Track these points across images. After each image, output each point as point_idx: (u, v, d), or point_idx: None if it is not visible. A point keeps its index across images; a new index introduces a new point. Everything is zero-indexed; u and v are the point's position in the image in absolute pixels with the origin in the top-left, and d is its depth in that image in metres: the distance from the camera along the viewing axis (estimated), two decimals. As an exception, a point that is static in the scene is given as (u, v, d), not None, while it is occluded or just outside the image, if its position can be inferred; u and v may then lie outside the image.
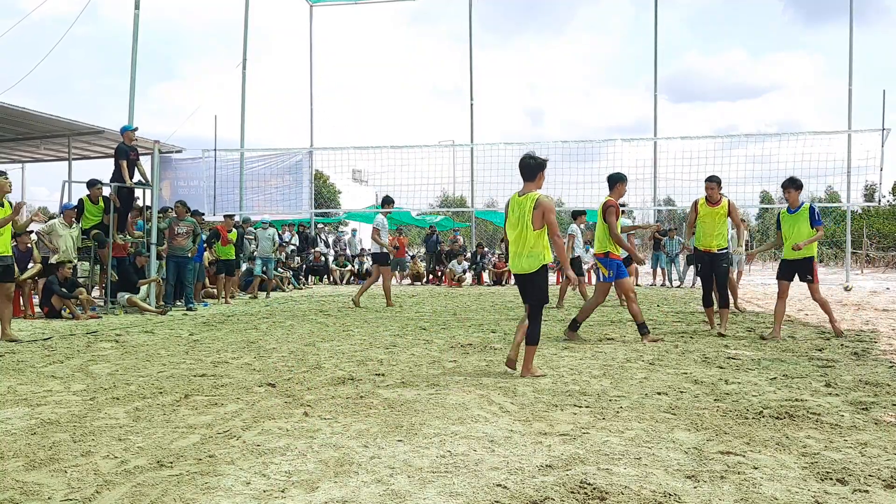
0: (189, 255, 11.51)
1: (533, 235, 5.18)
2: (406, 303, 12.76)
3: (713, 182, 7.81)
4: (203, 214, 13.27)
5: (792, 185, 7.51)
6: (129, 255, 11.50)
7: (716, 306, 8.08)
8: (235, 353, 6.55)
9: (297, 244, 19.51)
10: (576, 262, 11.46)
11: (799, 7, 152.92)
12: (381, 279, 12.06)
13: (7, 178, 7.62)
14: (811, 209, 7.37)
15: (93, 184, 11.04)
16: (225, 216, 14.13)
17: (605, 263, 7.39)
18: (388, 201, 12.28)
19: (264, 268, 14.57)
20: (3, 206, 7.51)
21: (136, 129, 11.74)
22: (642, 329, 7.21)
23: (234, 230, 13.56)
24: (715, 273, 7.90)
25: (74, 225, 10.60)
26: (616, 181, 7.44)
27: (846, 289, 17.13)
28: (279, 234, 18.46)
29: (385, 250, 11.72)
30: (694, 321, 9.21)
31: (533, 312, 5.30)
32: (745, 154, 26.68)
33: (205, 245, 12.75)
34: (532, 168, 5.30)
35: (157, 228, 11.46)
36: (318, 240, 21.31)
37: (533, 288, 5.29)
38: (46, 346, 7.02)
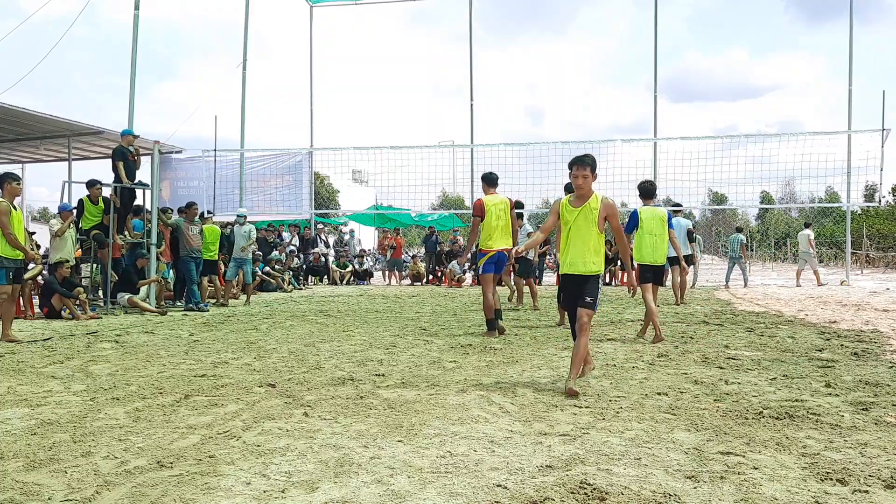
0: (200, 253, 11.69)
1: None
2: (406, 303, 12.77)
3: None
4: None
5: (638, 189, 7.68)
6: (123, 255, 11.50)
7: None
8: (235, 353, 6.55)
9: (297, 244, 19.50)
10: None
11: (800, 7, 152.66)
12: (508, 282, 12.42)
13: (20, 184, 7.72)
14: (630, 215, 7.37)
15: (92, 184, 11.04)
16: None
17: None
18: (519, 205, 12.39)
19: (238, 271, 12.89)
20: (16, 210, 7.55)
21: (137, 136, 11.79)
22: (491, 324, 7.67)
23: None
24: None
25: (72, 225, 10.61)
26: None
27: (842, 283, 17.23)
28: (278, 234, 18.47)
29: (527, 254, 11.91)
30: (693, 321, 9.22)
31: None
32: (745, 154, 26.77)
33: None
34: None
35: (156, 229, 11.47)
36: (318, 240, 21.29)
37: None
38: (46, 347, 7.02)
